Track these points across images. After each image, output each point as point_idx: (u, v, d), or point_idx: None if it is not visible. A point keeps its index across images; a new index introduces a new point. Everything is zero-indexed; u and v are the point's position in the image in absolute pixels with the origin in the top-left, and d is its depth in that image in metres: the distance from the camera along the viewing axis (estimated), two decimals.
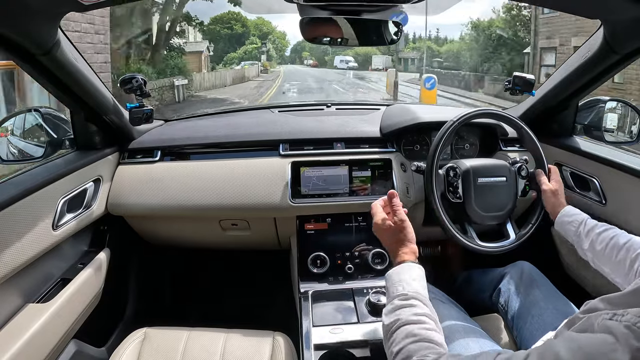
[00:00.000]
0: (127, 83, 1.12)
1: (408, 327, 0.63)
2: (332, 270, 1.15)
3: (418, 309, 0.67)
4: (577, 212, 0.97)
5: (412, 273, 0.74)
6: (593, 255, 0.88)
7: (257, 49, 30.89)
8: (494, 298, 1.13)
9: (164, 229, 1.33)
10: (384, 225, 0.82)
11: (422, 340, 0.61)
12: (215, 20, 29.38)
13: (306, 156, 1.24)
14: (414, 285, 0.71)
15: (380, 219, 0.84)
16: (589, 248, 0.89)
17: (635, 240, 0.82)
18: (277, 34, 39.57)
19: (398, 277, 0.74)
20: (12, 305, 0.87)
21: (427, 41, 22.87)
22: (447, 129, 1.09)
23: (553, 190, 1.04)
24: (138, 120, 1.18)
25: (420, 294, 0.70)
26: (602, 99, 1.22)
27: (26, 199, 0.86)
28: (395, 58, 25.05)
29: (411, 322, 0.64)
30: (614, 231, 0.87)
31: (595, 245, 0.87)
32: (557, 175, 1.08)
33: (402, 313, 0.66)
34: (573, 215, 0.96)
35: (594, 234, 0.89)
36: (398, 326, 0.65)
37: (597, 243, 0.87)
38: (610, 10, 0.84)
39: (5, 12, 0.69)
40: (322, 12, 0.91)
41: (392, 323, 0.66)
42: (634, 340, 0.35)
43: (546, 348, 0.43)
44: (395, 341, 0.63)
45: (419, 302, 0.68)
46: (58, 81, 0.94)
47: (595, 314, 0.42)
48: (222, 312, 1.33)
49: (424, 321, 0.64)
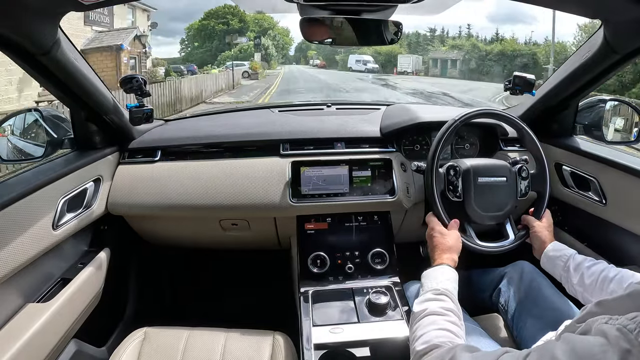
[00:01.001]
0: (127, 83, 1.12)
1: (434, 317, 0.72)
2: (332, 270, 1.15)
3: (446, 304, 0.76)
4: (564, 247, 0.98)
5: (447, 274, 0.84)
6: (583, 290, 0.87)
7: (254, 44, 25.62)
8: (494, 298, 1.13)
9: (164, 228, 1.33)
10: (434, 232, 0.98)
11: (443, 329, 0.69)
12: (210, 15, 26.31)
13: (306, 156, 1.24)
14: (446, 284, 0.81)
15: (432, 227, 1.00)
16: (578, 282, 0.88)
17: (625, 273, 0.83)
18: (279, 30, 34.67)
19: (434, 274, 0.85)
20: (12, 305, 0.87)
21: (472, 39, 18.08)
22: (448, 128, 1.09)
23: (542, 226, 1.04)
24: (138, 120, 1.18)
25: (450, 292, 0.79)
26: (602, 98, 1.22)
27: (26, 198, 0.86)
28: (428, 59, 20.72)
29: (437, 314, 0.73)
30: (603, 265, 0.87)
31: (584, 279, 0.87)
32: (549, 217, 1.08)
33: (431, 305, 0.75)
34: (561, 250, 0.96)
35: (583, 268, 0.89)
36: (426, 314, 0.74)
37: (586, 277, 0.87)
38: (611, 11, 0.84)
39: (5, 12, 0.69)
40: (322, 12, 0.91)
41: (421, 311, 0.75)
42: (624, 342, 0.37)
43: (545, 348, 0.44)
44: (420, 326, 0.72)
45: (448, 299, 0.77)
46: (58, 81, 0.94)
47: (593, 319, 0.43)
48: (222, 312, 1.33)
49: (449, 315, 0.73)
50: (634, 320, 0.38)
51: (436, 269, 0.87)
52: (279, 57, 34.77)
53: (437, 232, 0.97)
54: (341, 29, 0.94)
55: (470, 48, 17.07)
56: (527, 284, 1.05)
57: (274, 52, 31.95)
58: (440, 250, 0.92)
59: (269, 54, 30.13)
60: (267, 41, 30.57)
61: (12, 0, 0.67)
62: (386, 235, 1.22)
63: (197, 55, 30.24)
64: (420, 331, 0.70)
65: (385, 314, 1.00)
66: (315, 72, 26.02)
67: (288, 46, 38.30)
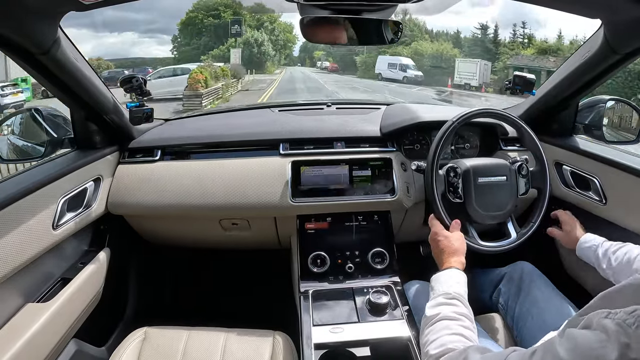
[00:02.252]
0: (127, 82, 1.12)
1: (447, 322, 0.73)
2: (332, 269, 1.15)
3: (459, 308, 0.76)
4: (593, 237, 1.03)
5: (456, 278, 0.85)
6: (613, 272, 0.93)
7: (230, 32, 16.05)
8: (494, 298, 1.13)
9: (164, 228, 1.33)
10: (439, 236, 0.97)
11: (457, 334, 0.70)
12: (199, 7, 21.28)
13: (306, 155, 1.24)
14: (457, 288, 0.82)
15: (436, 231, 0.99)
16: (607, 266, 0.94)
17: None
18: (281, 25, 28.01)
19: (444, 277, 0.85)
20: (12, 304, 0.87)
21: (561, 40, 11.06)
22: (448, 128, 1.09)
23: (565, 234, 1.09)
24: (138, 120, 1.18)
25: (461, 295, 0.80)
26: (602, 98, 1.22)
27: (26, 198, 0.86)
28: (501, 66, 12.84)
29: (451, 318, 0.73)
30: (628, 247, 0.93)
31: (612, 263, 0.93)
32: (565, 216, 1.12)
33: (444, 309, 0.76)
34: (590, 241, 1.02)
35: (609, 253, 0.95)
36: (439, 319, 0.74)
37: (613, 260, 0.93)
38: (611, 10, 0.84)
39: (5, 12, 0.69)
40: (323, 12, 0.91)
41: (434, 315, 0.76)
42: (623, 336, 0.37)
43: (549, 346, 0.45)
44: (433, 330, 0.72)
45: (460, 303, 0.78)
46: (58, 80, 0.94)
47: (595, 312, 0.44)
48: (222, 312, 1.33)
49: (462, 319, 0.73)
50: (633, 314, 0.38)
51: (445, 272, 0.87)
52: (280, 57, 28.04)
53: (441, 235, 0.97)
54: (341, 28, 0.94)
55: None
56: (527, 284, 1.05)
57: (271, 50, 23.29)
58: (448, 254, 0.92)
59: (264, 53, 22.33)
60: (262, 35, 22.32)
61: (12, 0, 0.67)
62: (386, 234, 1.22)
63: (185, 53, 25.42)
64: (433, 335, 0.71)
65: (385, 313, 1.00)
66: (323, 81, 19.06)
67: (291, 45, 30.82)
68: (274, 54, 25.35)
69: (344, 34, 0.95)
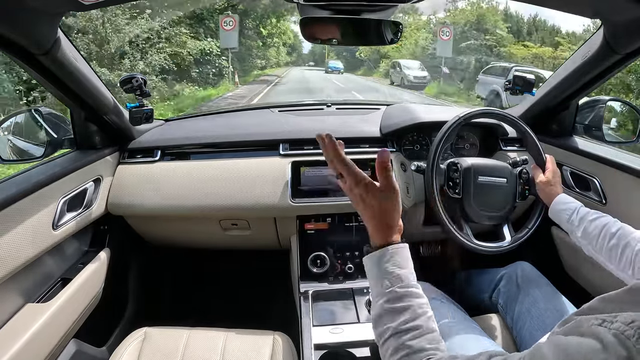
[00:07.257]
0: (127, 83, 1.12)
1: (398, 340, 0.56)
2: (332, 270, 1.15)
3: (420, 300, 0.60)
4: (570, 200, 0.98)
5: (407, 258, 0.64)
6: (587, 242, 0.89)
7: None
8: (493, 298, 1.13)
9: (163, 228, 1.33)
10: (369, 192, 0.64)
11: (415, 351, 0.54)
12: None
13: (306, 156, 1.24)
14: (409, 276, 0.62)
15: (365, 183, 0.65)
16: (582, 235, 0.90)
17: (626, 229, 0.83)
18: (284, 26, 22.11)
19: (393, 262, 0.62)
20: (12, 305, 0.87)
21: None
22: (448, 128, 1.09)
23: (545, 182, 1.05)
24: (138, 120, 1.18)
25: (414, 284, 0.61)
26: (602, 98, 1.22)
27: (26, 198, 0.86)
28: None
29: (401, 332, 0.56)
30: (607, 219, 0.88)
31: (588, 232, 0.88)
32: (553, 165, 1.08)
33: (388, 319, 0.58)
34: (566, 204, 0.97)
35: (586, 221, 0.90)
36: (387, 338, 0.57)
37: (589, 229, 0.88)
38: (611, 10, 0.84)
39: (5, 12, 0.69)
40: (323, 12, 0.91)
41: (381, 332, 0.58)
42: (621, 348, 0.36)
43: (535, 351, 0.43)
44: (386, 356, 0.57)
45: (418, 294, 0.61)
46: (58, 81, 0.94)
47: (586, 317, 0.42)
48: (222, 312, 1.33)
49: (413, 329, 0.56)
50: (632, 325, 0.37)
51: (392, 253, 0.63)
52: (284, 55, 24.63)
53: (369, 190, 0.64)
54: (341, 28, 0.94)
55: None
56: (527, 284, 1.05)
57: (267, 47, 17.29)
58: (383, 220, 0.64)
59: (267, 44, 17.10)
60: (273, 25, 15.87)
61: (12, 0, 0.67)
62: None
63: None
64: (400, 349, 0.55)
65: None
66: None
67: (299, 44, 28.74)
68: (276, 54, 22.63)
69: (344, 34, 0.95)
